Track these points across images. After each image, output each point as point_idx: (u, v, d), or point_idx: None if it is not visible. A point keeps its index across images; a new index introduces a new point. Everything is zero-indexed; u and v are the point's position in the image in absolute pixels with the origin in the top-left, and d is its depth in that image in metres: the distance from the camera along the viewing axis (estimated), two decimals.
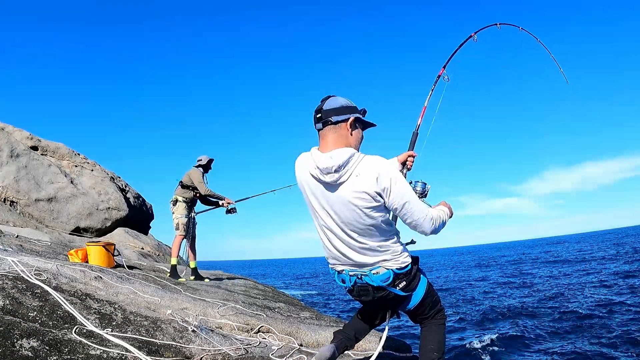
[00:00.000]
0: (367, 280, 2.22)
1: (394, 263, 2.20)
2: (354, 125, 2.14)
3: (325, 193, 2.11)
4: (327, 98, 2.17)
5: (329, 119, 2.10)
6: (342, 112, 2.11)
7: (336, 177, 2.03)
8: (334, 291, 22.95)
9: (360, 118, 2.17)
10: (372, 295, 2.26)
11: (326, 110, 2.11)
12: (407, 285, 2.25)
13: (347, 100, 2.17)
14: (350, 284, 2.28)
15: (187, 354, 2.93)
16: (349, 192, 2.04)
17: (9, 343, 2.31)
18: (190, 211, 6.73)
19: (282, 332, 3.95)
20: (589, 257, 30.28)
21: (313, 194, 2.18)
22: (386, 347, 3.71)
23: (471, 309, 12.88)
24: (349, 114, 2.12)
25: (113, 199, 12.38)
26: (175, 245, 6.57)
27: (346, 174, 2.02)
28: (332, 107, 2.12)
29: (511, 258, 41.71)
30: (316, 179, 2.12)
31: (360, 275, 2.23)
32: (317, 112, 2.14)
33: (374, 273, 2.20)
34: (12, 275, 3.44)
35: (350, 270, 2.26)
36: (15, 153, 11.31)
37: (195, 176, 6.64)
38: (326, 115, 2.11)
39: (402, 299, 2.32)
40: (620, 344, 7.59)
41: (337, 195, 2.07)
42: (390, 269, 2.19)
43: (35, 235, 8.69)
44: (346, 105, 2.14)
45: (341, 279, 2.33)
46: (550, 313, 11.02)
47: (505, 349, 7.96)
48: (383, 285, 2.21)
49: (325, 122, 2.11)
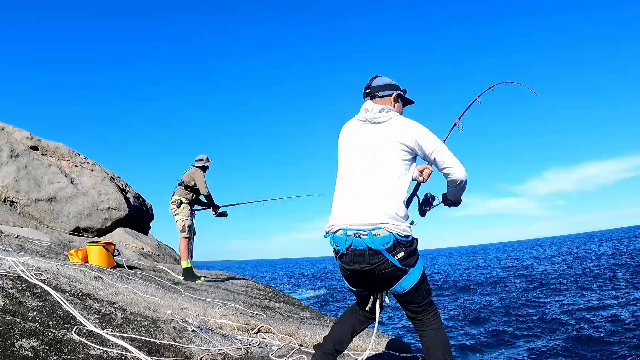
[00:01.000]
0: (365, 241, 2.16)
1: (396, 227, 2.17)
2: (397, 99, 2.53)
3: (369, 130, 2.38)
4: (375, 77, 2.54)
5: (377, 93, 2.48)
6: (387, 89, 2.50)
7: (384, 113, 2.36)
8: (334, 291, 22.95)
9: (401, 95, 2.55)
10: (367, 262, 2.18)
11: (374, 86, 2.50)
12: (406, 257, 2.19)
13: (391, 79, 2.55)
14: (345, 246, 2.21)
15: (187, 354, 2.93)
16: (392, 129, 2.33)
17: (9, 343, 2.31)
18: (192, 212, 6.74)
19: (282, 332, 3.95)
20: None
21: (355, 135, 2.42)
22: (386, 347, 3.72)
23: (466, 307, 12.88)
24: (392, 90, 2.51)
25: (113, 199, 12.38)
26: (183, 248, 6.53)
27: (388, 116, 2.36)
28: (379, 84, 2.51)
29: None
30: (363, 121, 2.42)
31: (359, 234, 2.18)
32: (367, 88, 2.53)
33: (374, 234, 2.15)
34: (12, 275, 3.44)
35: (349, 229, 2.21)
36: (15, 153, 11.31)
37: (198, 178, 6.63)
38: (374, 90, 2.49)
39: (397, 277, 2.23)
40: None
41: (380, 128, 2.35)
42: (392, 233, 2.16)
43: (35, 235, 8.69)
44: (390, 83, 2.53)
45: (335, 243, 2.28)
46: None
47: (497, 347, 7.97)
48: (381, 250, 2.15)
49: (373, 96, 2.49)
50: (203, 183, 6.61)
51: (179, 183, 6.70)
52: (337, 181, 2.46)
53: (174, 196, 6.65)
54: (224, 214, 7.01)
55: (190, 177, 6.69)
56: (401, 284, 2.26)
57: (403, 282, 2.25)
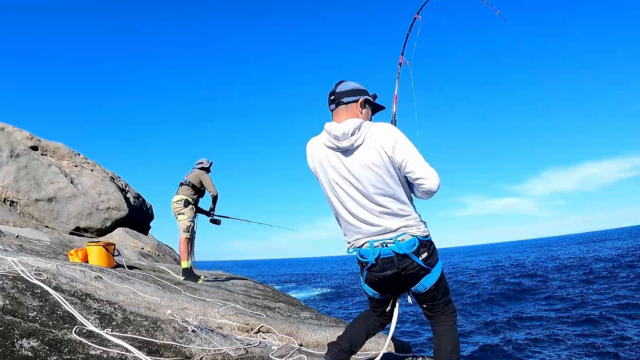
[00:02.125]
0: (393, 249, 2.21)
1: (417, 230, 2.24)
2: (364, 105, 2.36)
3: (344, 160, 2.26)
4: (340, 83, 2.40)
5: (342, 100, 2.33)
6: (353, 94, 2.34)
7: (352, 140, 2.20)
8: (334, 291, 22.95)
9: (369, 100, 2.39)
10: (396, 267, 2.23)
11: (339, 92, 2.35)
12: (429, 257, 2.26)
13: (357, 84, 2.41)
14: (374, 257, 2.25)
15: (187, 354, 2.93)
16: (367, 152, 2.20)
17: (9, 343, 2.31)
18: (195, 213, 6.73)
19: (282, 332, 3.95)
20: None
21: (331, 166, 2.30)
22: (386, 347, 3.71)
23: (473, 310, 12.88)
24: (359, 96, 2.35)
25: (113, 199, 12.38)
26: (184, 249, 6.50)
27: (361, 137, 2.21)
28: (344, 90, 2.35)
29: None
30: (333, 149, 2.28)
31: (386, 243, 2.22)
32: (331, 95, 2.38)
33: (400, 240, 2.21)
34: (12, 275, 3.43)
35: (375, 240, 2.25)
36: (15, 153, 11.31)
37: (207, 179, 6.64)
38: (339, 97, 2.34)
39: (421, 276, 2.28)
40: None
41: (355, 158, 2.23)
42: (415, 236, 2.22)
43: (35, 235, 8.69)
44: (356, 88, 2.37)
45: (362, 255, 2.31)
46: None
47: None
48: (408, 253, 2.20)
49: (338, 103, 2.34)
50: (212, 184, 6.63)
51: (183, 183, 6.68)
52: (333, 207, 2.40)
53: (178, 195, 6.60)
54: (219, 222, 7.06)
55: (197, 177, 6.68)
56: (423, 282, 2.31)
57: (425, 281, 2.31)
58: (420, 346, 8.18)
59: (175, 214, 6.60)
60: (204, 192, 6.82)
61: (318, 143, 2.36)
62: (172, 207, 6.63)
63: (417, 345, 8.03)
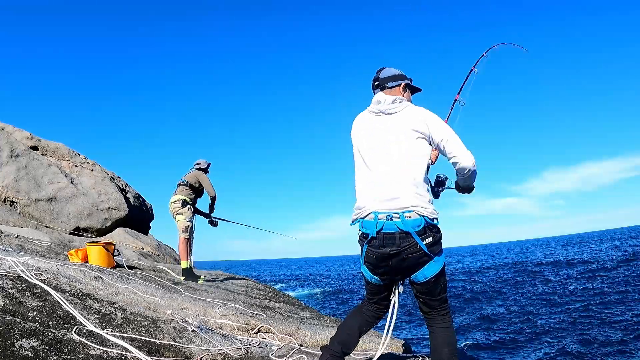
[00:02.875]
0: (397, 224, 2.22)
1: (425, 210, 2.24)
2: (405, 88, 2.58)
3: (385, 120, 2.43)
4: (382, 69, 2.60)
5: (386, 85, 2.54)
6: (395, 79, 2.56)
7: (395, 105, 2.41)
8: (334, 291, 22.96)
9: (409, 84, 2.59)
10: (397, 244, 2.21)
11: (382, 78, 2.56)
12: (433, 244, 2.25)
13: (398, 70, 2.61)
14: (376, 230, 2.25)
15: (187, 354, 2.93)
16: (406, 117, 2.38)
17: (9, 343, 2.31)
18: (194, 213, 6.73)
19: (282, 332, 3.95)
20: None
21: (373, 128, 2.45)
22: (385, 347, 3.71)
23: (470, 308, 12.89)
24: (400, 80, 2.56)
25: (113, 199, 12.38)
26: (183, 249, 6.50)
27: (401, 106, 2.41)
28: (388, 75, 2.56)
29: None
30: (376, 113, 2.46)
31: (392, 217, 2.23)
32: (375, 80, 2.58)
33: (406, 217, 2.22)
34: (12, 275, 3.43)
35: (380, 212, 2.26)
36: (15, 153, 11.31)
37: (206, 180, 6.65)
38: (383, 82, 2.55)
39: (422, 263, 2.26)
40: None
41: (396, 120, 2.40)
42: (423, 216, 2.23)
43: (35, 235, 8.69)
44: (398, 74, 2.58)
45: (365, 227, 2.32)
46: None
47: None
48: (412, 232, 2.19)
49: (383, 87, 2.54)
50: (211, 185, 6.64)
51: (181, 183, 6.68)
52: (358, 171, 2.49)
53: (176, 195, 6.59)
54: (216, 223, 7.07)
55: (196, 178, 6.68)
56: (424, 271, 2.28)
57: (426, 270, 2.28)
58: (420, 346, 8.19)
59: (173, 214, 6.59)
60: (202, 193, 6.82)
61: (364, 113, 2.55)
62: (170, 208, 6.61)
63: (417, 346, 8.05)
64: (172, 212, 6.61)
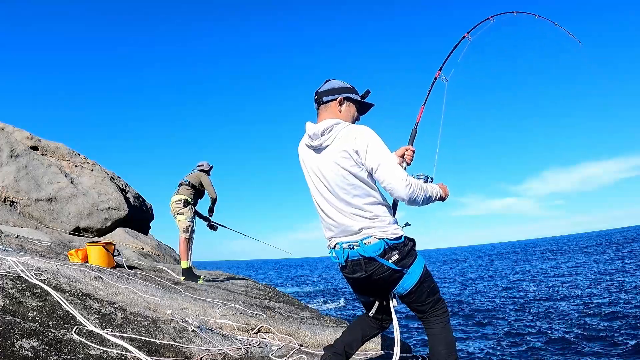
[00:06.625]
0: (359, 251, 2.21)
1: (384, 233, 2.20)
2: (342, 102, 2.39)
3: (316, 158, 2.34)
4: (325, 82, 2.45)
5: (322, 99, 2.39)
6: (332, 93, 2.38)
7: (322, 140, 2.28)
8: (334, 291, 22.96)
9: (350, 97, 2.40)
10: (364, 269, 2.23)
11: (320, 92, 2.42)
12: (401, 259, 2.21)
13: (341, 82, 2.43)
14: (344, 259, 2.27)
15: (187, 354, 2.93)
16: (333, 153, 2.25)
17: (9, 343, 2.32)
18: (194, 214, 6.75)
19: (282, 332, 3.95)
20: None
21: (308, 164, 2.40)
22: (386, 347, 3.72)
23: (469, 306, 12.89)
24: (337, 94, 2.38)
25: (113, 199, 12.38)
26: (183, 249, 6.50)
27: (330, 138, 2.26)
28: (325, 89, 2.41)
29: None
30: (308, 147, 2.37)
31: (353, 246, 2.24)
32: (315, 94, 2.45)
33: (365, 243, 2.21)
34: (12, 275, 3.44)
35: (343, 242, 2.27)
36: (15, 153, 11.31)
37: (207, 181, 6.69)
38: (319, 97, 2.41)
39: (397, 279, 2.25)
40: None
41: (324, 157, 2.29)
42: (382, 239, 2.20)
43: (35, 235, 8.69)
44: (337, 87, 2.40)
45: (335, 256, 2.34)
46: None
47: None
48: (374, 257, 2.19)
49: (319, 103, 2.41)
50: (212, 187, 6.67)
51: (182, 183, 6.69)
52: (313, 201, 2.46)
53: (177, 195, 6.59)
54: (215, 227, 7.09)
55: (198, 178, 6.70)
56: (402, 284, 2.28)
57: (403, 283, 2.27)
58: (420, 346, 8.20)
59: (174, 213, 6.59)
60: (203, 193, 6.84)
61: (303, 140, 2.44)
62: (171, 207, 6.62)
63: (417, 346, 8.05)
64: (173, 212, 6.62)
